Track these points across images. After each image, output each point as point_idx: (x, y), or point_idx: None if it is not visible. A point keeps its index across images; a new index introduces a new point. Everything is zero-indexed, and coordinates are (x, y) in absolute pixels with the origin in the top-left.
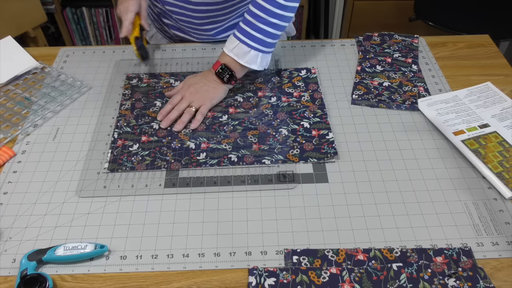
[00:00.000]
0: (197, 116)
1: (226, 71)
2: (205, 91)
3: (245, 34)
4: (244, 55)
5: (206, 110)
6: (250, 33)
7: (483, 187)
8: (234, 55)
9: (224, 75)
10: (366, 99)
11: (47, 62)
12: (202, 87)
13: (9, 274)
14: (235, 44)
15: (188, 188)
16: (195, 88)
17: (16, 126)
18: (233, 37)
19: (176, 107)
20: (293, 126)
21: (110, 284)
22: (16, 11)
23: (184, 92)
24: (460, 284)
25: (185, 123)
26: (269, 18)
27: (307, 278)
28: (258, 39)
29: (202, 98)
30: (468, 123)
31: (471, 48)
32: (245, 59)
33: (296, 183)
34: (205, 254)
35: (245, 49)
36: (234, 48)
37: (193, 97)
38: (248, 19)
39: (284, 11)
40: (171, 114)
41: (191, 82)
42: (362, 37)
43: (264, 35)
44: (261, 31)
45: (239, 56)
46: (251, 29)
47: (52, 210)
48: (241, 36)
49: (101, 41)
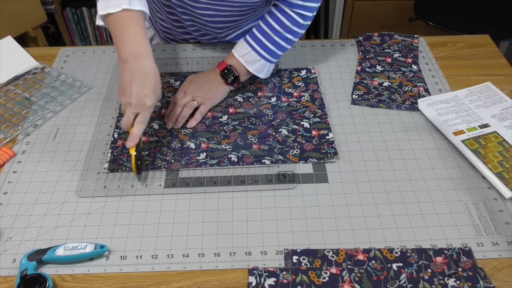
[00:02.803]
0: (196, 115)
1: (232, 73)
2: (207, 89)
3: (259, 43)
4: (254, 63)
5: (206, 110)
6: (264, 44)
7: (483, 187)
8: (244, 61)
9: (229, 76)
10: (366, 99)
11: (47, 62)
12: (204, 86)
13: (9, 274)
14: (246, 50)
15: (188, 188)
16: (197, 85)
17: (16, 126)
18: (245, 43)
19: (178, 102)
20: (293, 126)
21: (110, 284)
22: (16, 11)
23: (186, 88)
24: (460, 284)
25: (185, 118)
26: (285, 33)
27: (307, 278)
28: (270, 50)
29: (203, 96)
30: (468, 123)
31: (471, 48)
32: (254, 67)
33: (296, 183)
34: (205, 254)
35: (255, 57)
36: (245, 55)
37: (195, 93)
38: (264, 29)
39: (300, 29)
40: (174, 110)
41: (194, 79)
42: (362, 37)
43: (276, 48)
44: (275, 43)
45: (248, 63)
46: (266, 40)
47: (52, 210)
48: (254, 45)
49: (101, 41)
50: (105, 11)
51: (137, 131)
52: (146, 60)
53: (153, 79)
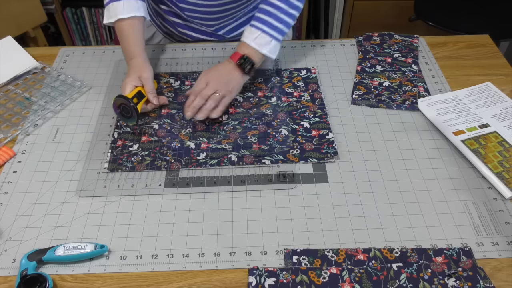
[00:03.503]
0: (220, 107)
1: (248, 61)
2: (228, 81)
3: (267, 24)
4: (266, 45)
5: (229, 102)
6: (271, 23)
7: (483, 187)
8: (256, 45)
9: (246, 65)
10: (366, 99)
11: (47, 62)
12: (225, 76)
13: (9, 274)
14: (256, 34)
15: (188, 188)
16: (218, 78)
17: (16, 126)
18: (253, 28)
19: (200, 94)
20: (293, 126)
21: (110, 284)
22: (16, 11)
23: (208, 79)
24: (460, 284)
25: (209, 110)
26: (289, 9)
27: (307, 278)
28: (279, 29)
29: (225, 88)
30: (468, 123)
31: (471, 48)
32: (267, 48)
33: (296, 183)
34: (205, 254)
35: (267, 39)
36: (256, 38)
37: (217, 85)
38: (267, 10)
39: (301, 3)
40: (195, 102)
41: (213, 72)
42: (362, 37)
43: (284, 25)
44: (281, 21)
45: (261, 46)
46: (273, 19)
47: (52, 210)
48: (263, 27)
49: (101, 41)
50: (105, 20)
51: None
52: (138, 59)
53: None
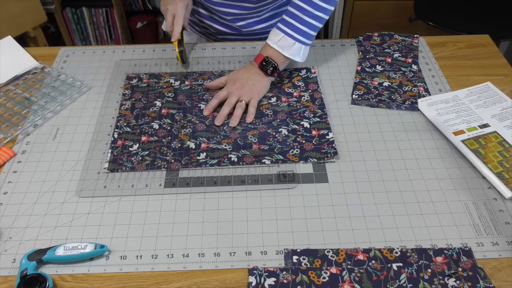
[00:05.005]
0: (250, 109)
1: (270, 63)
2: (251, 85)
3: (290, 27)
4: (289, 47)
5: (256, 103)
6: (295, 26)
7: (483, 187)
8: (278, 47)
9: (268, 67)
10: (366, 99)
11: (47, 62)
12: (247, 81)
13: (9, 274)
14: (279, 36)
15: (188, 188)
16: (241, 83)
17: (16, 126)
18: (277, 30)
19: (226, 103)
20: (293, 126)
21: (110, 284)
22: (16, 11)
23: (230, 87)
24: (460, 284)
25: (239, 117)
26: (314, 11)
27: (307, 278)
28: (303, 32)
29: (250, 92)
30: (468, 123)
31: (471, 48)
32: (290, 51)
33: (296, 183)
34: (205, 254)
35: (290, 41)
36: (279, 41)
37: (240, 92)
38: (292, 12)
39: (328, 5)
40: (223, 110)
41: (236, 77)
42: (362, 37)
43: (308, 28)
44: (306, 23)
45: (284, 48)
46: (296, 22)
47: (52, 210)
48: (286, 29)
49: (101, 41)
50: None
51: (177, 29)
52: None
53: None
